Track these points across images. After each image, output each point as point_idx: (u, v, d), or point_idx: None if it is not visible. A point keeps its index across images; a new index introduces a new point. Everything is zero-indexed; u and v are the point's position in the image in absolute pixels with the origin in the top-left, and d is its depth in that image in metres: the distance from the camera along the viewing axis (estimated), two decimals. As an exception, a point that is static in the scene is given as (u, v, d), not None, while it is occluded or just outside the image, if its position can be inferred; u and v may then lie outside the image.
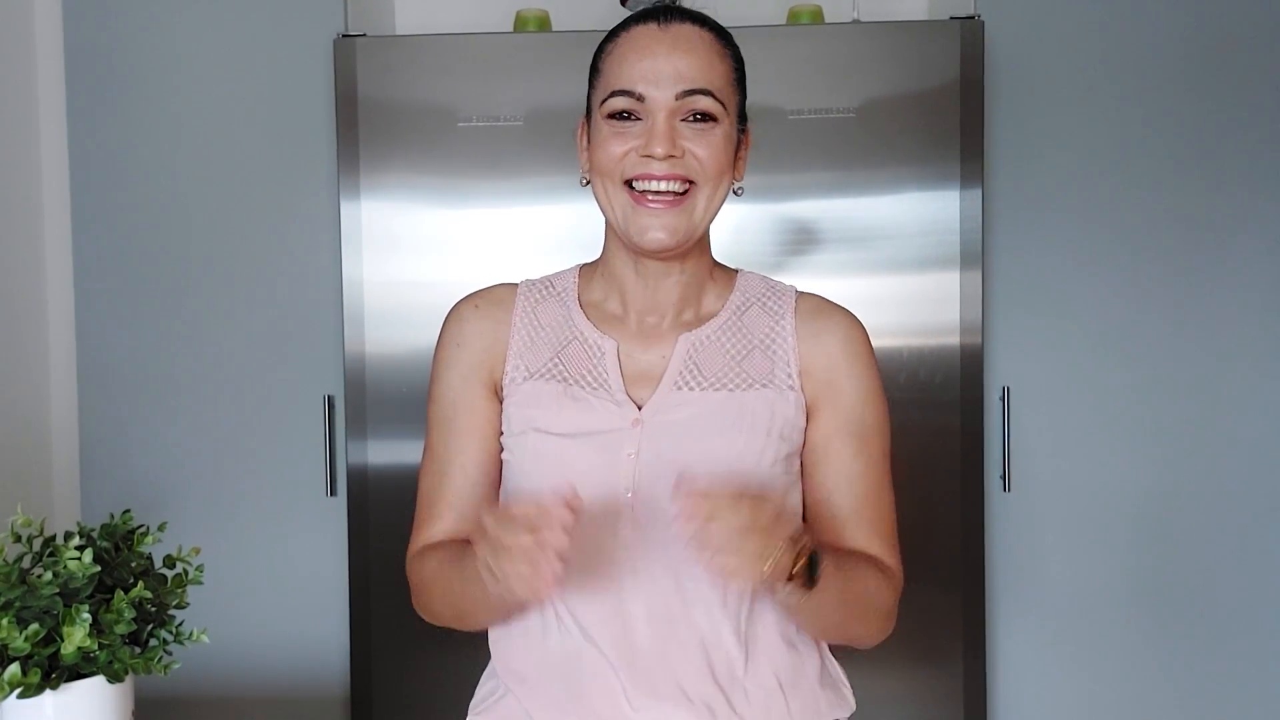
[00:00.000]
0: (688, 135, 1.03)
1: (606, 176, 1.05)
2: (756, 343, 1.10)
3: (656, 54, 1.03)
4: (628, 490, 1.03)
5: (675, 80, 1.02)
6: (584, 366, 1.09)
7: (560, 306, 1.14)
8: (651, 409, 1.06)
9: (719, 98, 1.03)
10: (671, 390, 1.07)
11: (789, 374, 1.08)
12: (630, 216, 1.04)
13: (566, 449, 1.05)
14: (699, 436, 1.04)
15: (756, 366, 1.08)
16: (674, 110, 1.02)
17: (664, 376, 1.08)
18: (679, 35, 1.04)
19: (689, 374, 1.07)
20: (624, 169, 1.03)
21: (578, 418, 1.06)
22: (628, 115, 1.03)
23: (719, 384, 1.07)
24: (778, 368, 1.08)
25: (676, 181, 1.03)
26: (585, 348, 1.10)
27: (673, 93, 1.02)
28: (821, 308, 1.14)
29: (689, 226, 1.04)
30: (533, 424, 1.07)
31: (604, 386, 1.07)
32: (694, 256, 1.10)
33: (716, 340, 1.10)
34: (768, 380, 1.07)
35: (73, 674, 0.96)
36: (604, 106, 1.05)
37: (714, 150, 1.03)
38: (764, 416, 1.06)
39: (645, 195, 1.03)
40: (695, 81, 1.02)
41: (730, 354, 1.09)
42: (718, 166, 1.04)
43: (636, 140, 1.03)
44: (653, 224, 1.03)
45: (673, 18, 1.05)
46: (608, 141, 1.04)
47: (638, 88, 1.02)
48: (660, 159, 1.01)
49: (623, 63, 1.04)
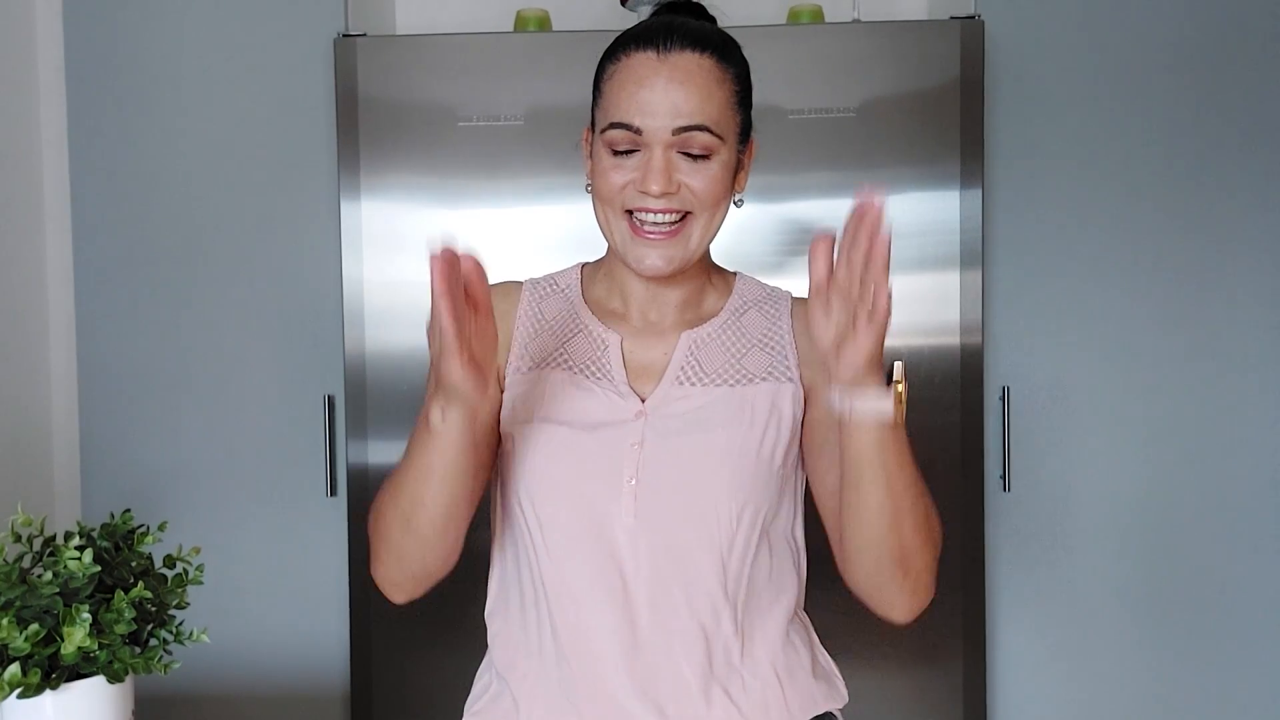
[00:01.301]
0: (684, 169, 1.04)
1: (607, 204, 1.07)
2: (755, 341, 1.13)
3: (654, 86, 1.03)
4: (631, 479, 1.04)
5: (672, 115, 1.02)
6: (588, 357, 1.11)
7: (564, 302, 1.16)
8: (655, 401, 1.08)
9: (716, 131, 1.04)
10: (674, 384, 1.09)
11: (787, 366, 1.11)
12: (629, 245, 1.06)
13: (570, 436, 1.06)
14: (702, 428, 1.06)
15: (756, 363, 1.11)
16: (670, 144, 1.03)
17: (666, 371, 1.10)
18: (676, 66, 1.03)
19: (691, 369, 1.10)
20: (623, 200, 1.05)
21: (582, 406, 1.08)
22: (627, 148, 1.04)
23: (720, 379, 1.09)
24: (776, 362, 1.11)
25: (673, 214, 1.04)
26: (590, 340, 1.12)
27: (669, 126, 1.02)
28: None
29: (685, 255, 1.06)
30: (536, 411, 1.08)
31: (608, 378, 1.09)
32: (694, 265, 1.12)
33: (717, 338, 1.12)
34: (767, 374, 1.10)
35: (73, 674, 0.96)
36: (604, 137, 1.06)
37: (710, 183, 1.05)
38: (764, 410, 1.08)
39: (643, 226, 1.05)
40: (692, 117, 1.03)
41: (731, 351, 1.12)
42: (714, 197, 1.05)
43: (634, 174, 1.04)
44: (649, 254, 1.05)
45: (672, 44, 1.04)
46: (608, 172, 1.06)
47: (635, 121, 1.03)
48: (656, 195, 1.03)
49: (621, 92, 1.05)
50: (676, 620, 1.04)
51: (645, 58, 1.04)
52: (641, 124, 1.03)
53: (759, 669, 1.07)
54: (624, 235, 1.06)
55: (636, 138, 1.03)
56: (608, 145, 1.06)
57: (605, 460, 1.05)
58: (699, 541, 1.05)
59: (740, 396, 1.08)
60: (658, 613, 1.04)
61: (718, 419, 1.07)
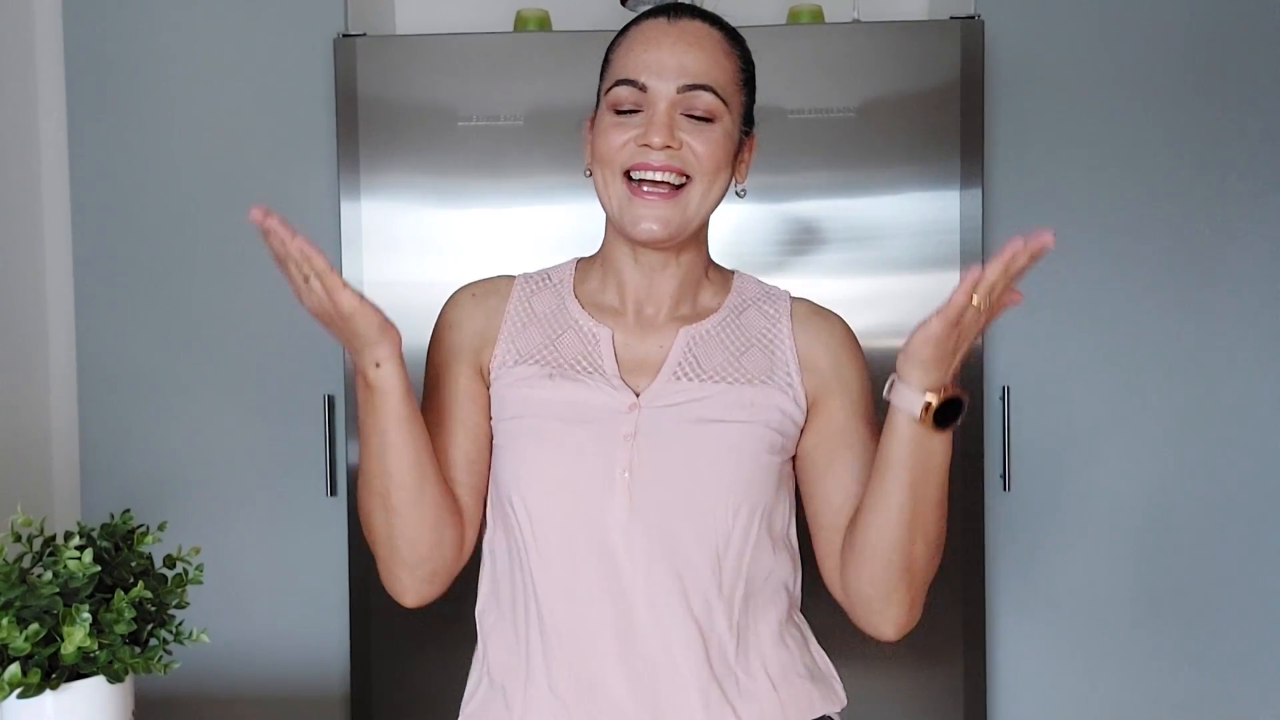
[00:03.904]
0: (687, 129, 1.04)
1: (606, 165, 1.06)
2: (755, 340, 1.11)
3: (661, 45, 1.04)
4: (624, 471, 1.03)
5: (678, 73, 1.03)
6: (577, 353, 1.09)
7: (555, 297, 1.14)
8: (650, 395, 1.06)
9: (721, 95, 1.04)
10: (671, 379, 1.07)
11: (788, 372, 1.09)
12: (625, 207, 1.05)
13: (560, 429, 1.05)
14: (698, 421, 1.05)
15: (755, 363, 1.09)
16: (675, 102, 1.03)
17: (663, 366, 1.08)
18: (686, 29, 1.05)
19: (688, 365, 1.08)
20: (623, 158, 1.04)
21: (572, 398, 1.06)
22: (630, 108, 1.05)
23: (719, 376, 1.07)
24: (777, 365, 1.09)
25: (672, 174, 1.03)
26: (580, 336, 1.10)
27: (675, 85, 1.03)
28: (815, 310, 1.16)
29: (682, 220, 1.05)
30: (524, 406, 1.07)
31: (599, 371, 1.08)
32: (690, 250, 1.11)
33: (715, 336, 1.11)
34: (767, 376, 1.08)
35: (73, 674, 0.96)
36: (608, 96, 1.06)
37: (712, 146, 1.04)
38: (763, 409, 1.06)
39: (641, 186, 1.04)
40: (698, 76, 1.03)
41: (729, 349, 1.10)
42: (714, 163, 1.05)
43: (636, 130, 1.04)
44: (646, 214, 1.04)
45: (683, 14, 1.06)
46: (609, 131, 1.05)
47: (640, 77, 1.04)
48: (657, 148, 1.02)
49: (629, 53, 1.06)
50: (671, 616, 1.03)
51: (656, 23, 1.06)
52: (647, 81, 1.03)
53: (754, 670, 1.06)
54: (621, 197, 1.05)
55: (641, 95, 1.04)
56: (611, 105, 1.06)
57: (597, 452, 1.04)
58: (694, 536, 1.03)
59: (738, 394, 1.06)
60: (653, 608, 1.02)
61: (716, 412, 1.05)
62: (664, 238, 1.05)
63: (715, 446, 1.04)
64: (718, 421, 1.05)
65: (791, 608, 1.13)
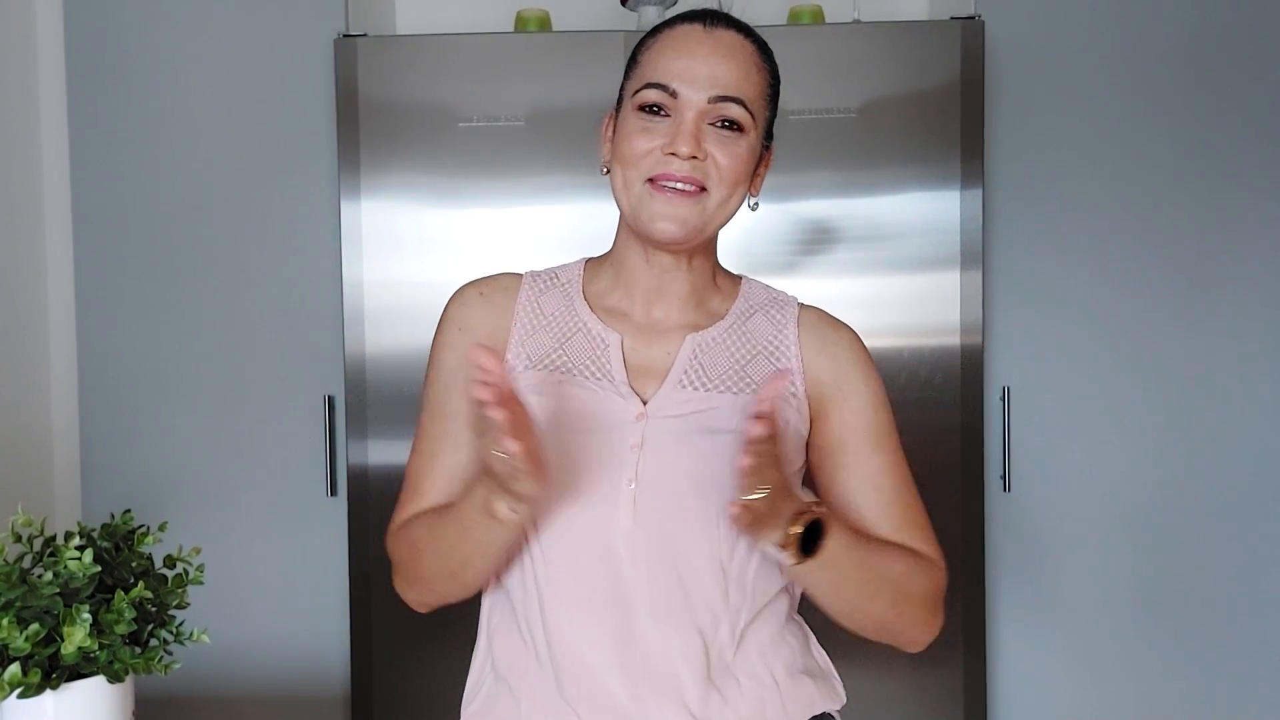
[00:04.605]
0: (712, 139, 1.03)
1: (630, 168, 1.05)
2: (761, 349, 1.11)
3: (696, 54, 1.04)
4: (630, 481, 1.03)
5: (710, 84, 1.03)
6: (587, 357, 1.09)
7: (564, 298, 1.14)
8: (657, 404, 1.06)
9: (750, 109, 1.04)
10: (676, 388, 1.07)
11: (792, 382, 1.09)
12: (644, 203, 1.05)
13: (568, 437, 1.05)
14: (704, 432, 1.05)
15: (760, 372, 1.09)
16: (704, 112, 1.03)
17: (669, 374, 1.08)
18: (721, 40, 1.05)
19: (694, 373, 1.08)
20: (646, 165, 1.04)
21: (580, 408, 1.06)
22: (658, 110, 1.04)
23: (723, 386, 1.07)
24: None
25: (694, 185, 1.04)
26: (589, 340, 1.10)
27: (706, 95, 1.03)
28: (825, 319, 1.15)
29: (700, 222, 1.05)
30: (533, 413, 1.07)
31: (608, 378, 1.07)
32: (701, 255, 1.11)
33: (722, 343, 1.10)
34: None
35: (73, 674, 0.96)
36: (636, 97, 1.05)
37: (736, 160, 1.04)
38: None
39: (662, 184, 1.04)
40: (730, 89, 1.03)
41: (735, 358, 1.10)
42: (736, 176, 1.05)
43: (662, 139, 1.03)
44: (665, 212, 1.04)
45: (719, 23, 1.06)
46: (634, 135, 1.05)
47: (672, 83, 1.03)
48: (683, 159, 1.02)
49: (661, 57, 1.05)
50: (674, 624, 1.03)
51: (691, 29, 1.06)
52: (678, 88, 1.03)
53: (754, 670, 1.06)
54: (641, 193, 1.04)
55: (670, 101, 1.03)
56: (638, 105, 1.05)
57: (604, 462, 1.04)
58: (698, 547, 1.03)
59: (744, 405, 1.05)
60: (655, 617, 1.02)
61: (721, 424, 1.05)
62: (680, 238, 1.05)
63: (721, 458, 1.03)
64: (724, 433, 1.04)
65: (792, 607, 1.13)
